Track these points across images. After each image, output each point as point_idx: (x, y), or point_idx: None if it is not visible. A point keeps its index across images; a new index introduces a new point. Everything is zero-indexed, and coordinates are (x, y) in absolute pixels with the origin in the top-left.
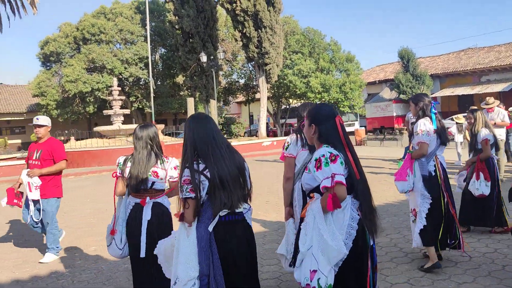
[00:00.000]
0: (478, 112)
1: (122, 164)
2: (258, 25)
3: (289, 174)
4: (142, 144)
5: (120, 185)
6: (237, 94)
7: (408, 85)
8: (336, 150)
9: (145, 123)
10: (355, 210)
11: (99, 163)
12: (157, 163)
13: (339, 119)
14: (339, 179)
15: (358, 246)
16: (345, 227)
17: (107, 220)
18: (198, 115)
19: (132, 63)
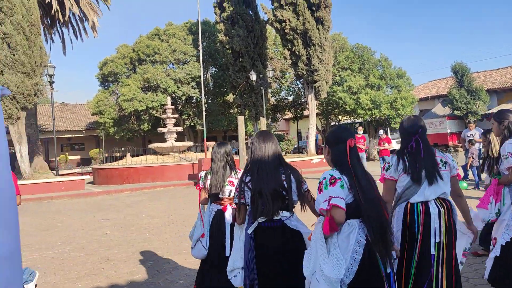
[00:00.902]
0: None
1: (203, 177)
2: (307, 43)
3: (387, 198)
4: (220, 158)
5: (203, 195)
6: (286, 111)
7: (462, 101)
8: (340, 173)
9: (221, 142)
10: (362, 235)
11: (153, 179)
12: (231, 174)
13: (350, 142)
14: (335, 202)
15: (365, 271)
16: (350, 252)
17: (164, 235)
18: (261, 134)
19: (185, 82)
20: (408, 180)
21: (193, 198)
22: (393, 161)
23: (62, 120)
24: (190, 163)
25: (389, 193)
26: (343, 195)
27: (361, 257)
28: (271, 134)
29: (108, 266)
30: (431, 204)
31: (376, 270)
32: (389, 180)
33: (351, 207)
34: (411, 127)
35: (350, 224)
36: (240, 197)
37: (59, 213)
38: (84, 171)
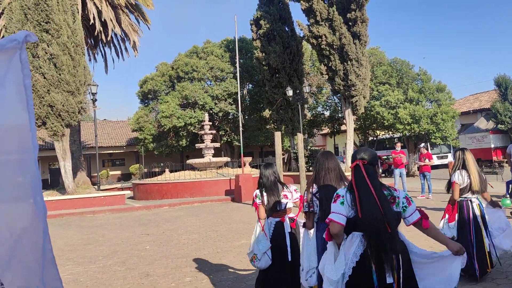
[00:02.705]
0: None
1: (260, 195)
2: (344, 58)
3: None
4: (270, 176)
5: (262, 211)
6: (322, 126)
7: (507, 115)
8: (347, 191)
9: (267, 163)
10: (361, 247)
11: (191, 194)
12: (283, 189)
13: (355, 163)
14: (332, 217)
15: (357, 278)
16: (349, 260)
17: (202, 251)
18: (327, 152)
19: (222, 98)
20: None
21: (230, 214)
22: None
23: (104, 136)
24: (227, 179)
25: None
26: (343, 211)
27: (354, 266)
28: (332, 153)
29: (147, 281)
30: None
31: (368, 279)
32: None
33: (353, 221)
34: None
35: (353, 236)
36: (309, 206)
37: (100, 228)
38: (125, 186)
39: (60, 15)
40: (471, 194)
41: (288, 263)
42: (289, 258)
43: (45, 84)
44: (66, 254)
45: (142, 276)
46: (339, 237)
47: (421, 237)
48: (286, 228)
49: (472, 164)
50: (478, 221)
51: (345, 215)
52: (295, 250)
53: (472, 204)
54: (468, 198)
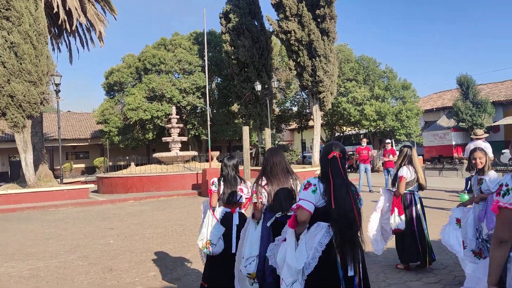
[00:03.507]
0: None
1: (217, 184)
2: (312, 54)
3: (504, 235)
4: (230, 169)
5: (215, 199)
6: (290, 121)
7: (467, 113)
8: (319, 180)
9: (230, 155)
10: (327, 237)
11: (157, 188)
12: (241, 183)
13: (333, 154)
14: (301, 204)
15: (322, 270)
16: (313, 249)
17: (167, 245)
18: (274, 148)
19: (190, 92)
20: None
21: (196, 208)
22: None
23: (68, 128)
24: (194, 173)
25: (508, 228)
26: (313, 199)
27: (320, 255)
28: (279, 149)
29: (111, 276)
30: None
31: (333, 270)
32: (508, 209)
33: (321, 211)
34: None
35: (318, 226)
36: (258, 198)
37: (63, 222)
38: (89, 180)
39: (21, 2)
40: (416, 188)
41: (231, 255)
42: (233, 249)
43: (5, 73)
44: (26, 249)
45: (105, 270)
46: (304, 224)
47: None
48: (234, 220)
49: (417, 160)
50: (419, 213)
51: (314, 204)
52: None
53: (415, 197)
54: (412, 191)
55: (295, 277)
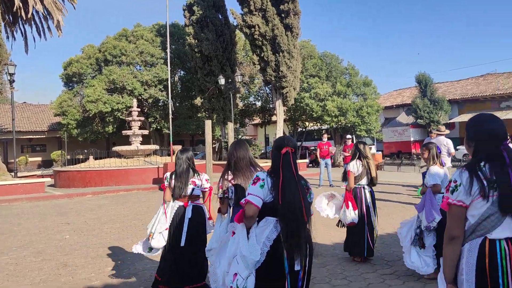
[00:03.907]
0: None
1: (169, 178)
2: (276, 49)
3: (454, 232)
4: (183, 162)
5: (168, 194)
6: (254, 116)
7: (425, 110)
8: (268, 175)
9: (184, 147)
10: (275, 232)
11: (116, 182)
12: (194, 176)
13: (285, 149)
14: (249, 199)
15: (269, 264)
16: (261, 244)
17: (125, 240)
18: (238, 141)
19: (152, 84)
20: (488, 206)
21: (157, 203)
22: (463, 179)
23: (23, 120)
24: (155, 167)
25: (458, 225)
26: (261, 194)
27: (268, 250)
28: (244, 142)
29: (65, 272)
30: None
31: (280, 265)
32: (457, 206)
33: (269, 206)
34: (498, 129)
35: (266, 221)
36: (224, 193)
37: (16, 217)
38: (45, 174)
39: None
40: (364, 182)
41: (180, 248)
42: (182, 243)
43: None
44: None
45: (60, 266)
46: (252, 219)
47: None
48: (186, 214)
49: (368, 156)
50: (369, 206)
51: (262, 198)
52: (191, 237)
53: (364, 190)
54: (361, 185)
55: (251, 270)
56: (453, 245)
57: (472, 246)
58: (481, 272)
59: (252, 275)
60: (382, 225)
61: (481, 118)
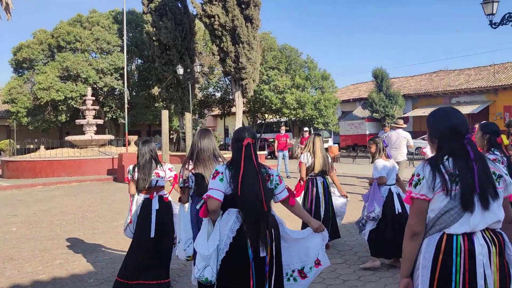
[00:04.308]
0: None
1: (132, 171)
2: (236, 40)
3: (416, 227)
4: (145, 153)
5: (132, 187)
6: (213, 107)
7: (381, 104)
8: (227, 168)
9: (146, 139)
10: (237, 223)
11: (69, 173)
12: (157, 167)
13: (247, 141)
14: (210, 193)
15: (234, 254)
16: (225, 235)
17: (77, 232)
18: (203, 131)
19: (107, 73)
20: (447, 201)
21: (111, 194)
22: (426, 172)
23: None
24: (110, 158)
25: (420, 219)
26: (222, 187)
27: (231, 242)
28: (209, 132)
29: (11, 265)
30: (477, 238)
31: (244, 254)
32: (420, 200)
33: (229, 198)
34: (458, 125)
35: (229, 212)
36: (185, 182)
37: None
38: None
39: None
40: (315, 174)
41: (150, 240)
42: (151, 234)
43: None
44: None
45: (5, 260)
46: (216, 213)
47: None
48: (153, 205)
49: (319, 148)
50: (320, 197)
51: (223, 192)
52: (160, 228)
53: (316, 181)
54: (314, 176)
55: (207, 262)
56: (415, 241)
57: (430, 242)
58: (436, 268)
59: (209, 267)
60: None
61: (442, 113)
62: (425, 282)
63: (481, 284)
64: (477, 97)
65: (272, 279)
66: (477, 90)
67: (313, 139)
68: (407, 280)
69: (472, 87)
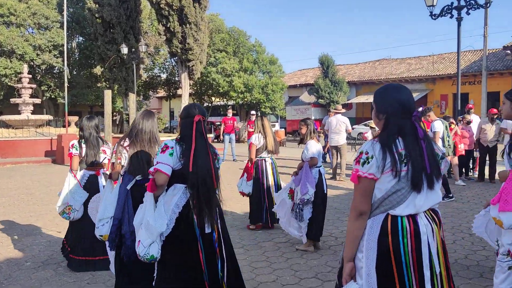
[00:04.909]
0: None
1: (78, 146)
2: (183, 21)
3: (362, 206)
4: (92, 129)
5: (76, 162)
6: (158, 89)
7: (326, 90)
8: (177, 143)
9: (90, 115)
10: (184, 199)
11: (3, 154)
12: (103, 144)
13: (198, 117)
14: (159, 167)
15: (180, 230)
16: (170, 211)
17: (12, 215)
18: (147, 112)
19: (46, 50)
20: (395, 182)
21: (49, 176)
22: (376, 151)
23: None
24: (48, 139)
25: (366, 199)
26: (171, 162)
27: (177, 217)
28: (152, 114)
29: None
30: (421, 219)
31: (190, 230)
32: (368, 179)
33: (178, 174)
34: (407, 101)
35: (175, 188)
36: (117, 158)
37: None
38: None
39: None
40: (266, 154)
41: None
42: None
43: None
44: None
45: None
46: (162, 188)
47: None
48: (100, 182)
49: (268, 128)
50: (268, 178)
51: (171, 166)
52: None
53: (265, 163)
54: (263, 157)
55: (154, 238)
56: (361, 221)
57: (374, 223)
58: (383, 250)
59: (155, 243)
60: None
61: (391, 88)
62: (371, 265)
63: (426, 264)
64: (417, 85)
65: (224, 255)
66: (417, 79)
67: (262, 121)
68: (352, 265)
69: (412, 76)
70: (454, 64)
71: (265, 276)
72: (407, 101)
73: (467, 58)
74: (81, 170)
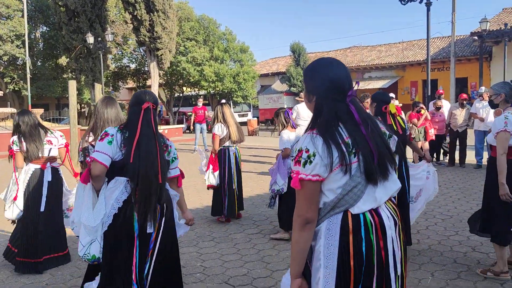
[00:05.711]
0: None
1: (18, 142)
2: (150, 8)
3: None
4: (28, 121)
5: (20, 159)
6: (128, 79)
7: (298, 79)
8: (118, 131)
9: (22, 109)
10: (125, 193)
11: None
12: (47, 134)
13: (147, 105)
14: (95, 156)
15: (117, 226)
16: (109, 205)
17: None
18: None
19: (7, 40)
20: (348, 178)
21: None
22: (318, 147)
23: None
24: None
25: (312, 205)
26: (110, 151)
27: (116, 213)
28: (114, 100)
29: None
30: (383, 211)
31: (128, 227)
32: (312, 181)
33: (120, 165)
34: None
35: (116, 181)
36: (85, 156)
37: None
38: None
39: None
40: (230, 144)
41: (41, 214)
42: (41, 208)
43: None
44: None
45: None
46: (99, 180)
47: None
48: (45, 177)
49: (230, 117)
50: (232, 168)
51: (110, 156)
52: (51, 201)
53: (229, 152)
54: (226, 147)
55: (93, 236)
56: (308, 230)
57: (331, 224)
58: (344, 253)
59: (96, 242)
60: (252, 187)
61: (323, 63)
62: (331, 274)
63: (390, 262)
64: (387, 72)
65: (154, 257)
66: (387, 66)
67: (221, 109)
68: (300, 281)
69: (383, 63)
70: (423, 51)
71: (236, 269)
72: (341, 78)
73: (435, 45)
74: (27, 165)
